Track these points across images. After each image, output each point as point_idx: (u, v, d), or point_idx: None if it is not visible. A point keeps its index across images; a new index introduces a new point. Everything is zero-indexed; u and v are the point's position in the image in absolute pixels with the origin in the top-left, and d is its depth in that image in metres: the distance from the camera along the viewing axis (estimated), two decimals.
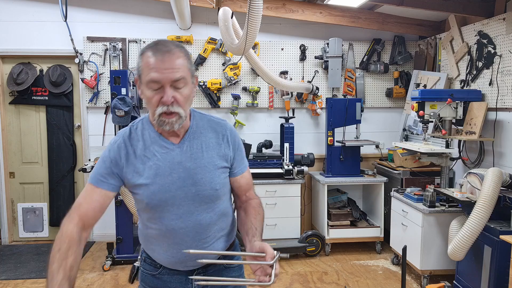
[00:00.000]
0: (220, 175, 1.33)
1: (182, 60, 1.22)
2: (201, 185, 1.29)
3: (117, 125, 3.80)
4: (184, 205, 1.29)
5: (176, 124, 1.23)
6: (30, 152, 4.51)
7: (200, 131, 1.34)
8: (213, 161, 1.32)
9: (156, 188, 1.27)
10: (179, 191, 1.28)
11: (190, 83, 1.25)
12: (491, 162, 3.45)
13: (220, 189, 1.33)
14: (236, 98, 4.43)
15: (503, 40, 3.30)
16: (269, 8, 4.12)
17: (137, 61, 1.26)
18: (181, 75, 1.20)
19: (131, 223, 3.85)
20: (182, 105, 1.22)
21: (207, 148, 1.33)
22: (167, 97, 1.19)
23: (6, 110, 4.44)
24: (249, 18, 2.72)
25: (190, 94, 1.25)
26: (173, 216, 1.29)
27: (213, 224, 1.35)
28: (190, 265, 1.36)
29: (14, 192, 4.53)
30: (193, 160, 1.30)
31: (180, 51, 1.23)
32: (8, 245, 4.44)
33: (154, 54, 1.19)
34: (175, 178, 1.28)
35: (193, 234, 1.31)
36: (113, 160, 1.29)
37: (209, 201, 1.32)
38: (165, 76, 1.18)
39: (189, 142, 1.32)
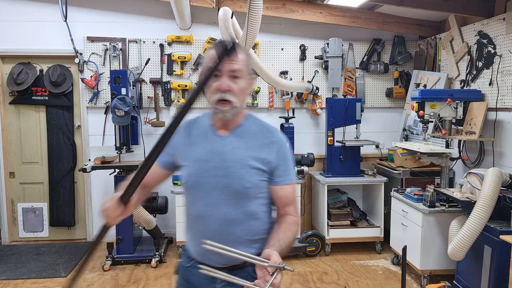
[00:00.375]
0: (254, 175, 1.37)
1: (243, 57, 1.36)
2: (232, 178, 1.36)
3: (117, 125, 3.80)
4: (213, 194, 1.37)
5: (228, 113, 1.35)
6: (30, 152, 4.51)
7: (249, 131, 1.42)
8: (250, 160, 1.37)
9: (193, 171, 1.39)
10: (212, 179, 1.37)
11: (246, 80, 1.37)
12: (491, 162, 3.45)
13: (250, 188, 1.36)
14: None
15: (503, 40, 3.30)
16: (269, 8, 4.13)
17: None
18: (239, 67, 1.33)
19: (131, 223, 3.85)
20: (236, 95, 1.33)
21: (248, 147, 1.39)
22: (223, 84, 1.32)
23: (6, 110, 4.44)
24: (249, 18, 2.72)
25: (245, 88, 1.37)
26: (202, 202, 1.38)
27: (238, 223, 1.37)
28: (215, 261, 1.38)
29: (14, 192, 4.53)
30: (232, 154, 1.37)
31: (242, 53, 1.37)
32: (8, 245, 4.45)
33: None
34: (211, 166, 1.37)
35: (216, 226, 1.37)
36: (173, 145, 1.42)
37: (237, 197, 1.36)
38: (224, 65, 1.30)
39: (235, 137, 1.40)
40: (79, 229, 4.62)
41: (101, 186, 4.52)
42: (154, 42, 4.38)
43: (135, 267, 3.83)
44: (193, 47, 4.41)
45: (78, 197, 4.59)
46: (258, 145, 1.40)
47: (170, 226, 4.53)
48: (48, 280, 3.55)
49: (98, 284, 3.49)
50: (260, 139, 1.41)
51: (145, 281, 3.55)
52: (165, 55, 4.39)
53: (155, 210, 3.98)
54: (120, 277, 3.61)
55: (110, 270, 3.75)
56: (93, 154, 4.03)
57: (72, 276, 1.35)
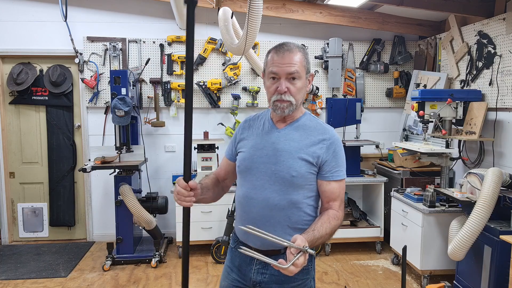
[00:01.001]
0: (301, 166, 1.46)
1: (299, 58, 1.46)
2: (280, 166, 1.47)
3: (117, 125, 3.80)
4: (261, 178, 1.49)
5: (286, 109, 1.47)
6: (30, 152, 4.51)
7: (304, 126, 1.53)
8: (299, 152, 1.47)
9: (247, 156, 1.53)
10: (262, 165, 1.49)
11: (304, 78, 1.48)
12: (491, 162, 3.45)
13: (296, 177, 1.45)
14: (236, 98, 4.43)
15: (503, 40, 3.30)
16: (269, 8, 4.12)
17: (264, 58, 1.54)
18: (295, 70, 1.44)
19: (131, 223, 3.85)
20: (294, 95, 1.46)
21: (300, 140, 1.49)
22: (282, 86, 1.44)
23: (6, 110, 4.44)
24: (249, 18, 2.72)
25: (302, 87, 1.48)
26: (250, 185, 1.51)
27: (279, 209, 1.47)
28: (254, 243, 1.50)
29: (14, 192, 4.53)
30: (284, 144, 1.49)
31: (299, 51, 1.47)
32: (8, 245, 4.45)
33: (277, 52, 1.46)
34: (264, 153, 1.50)
35: (259, 208, 1.48)
36: (235, 136, 1.65)
37: (282, 184, 1.46)
38: (282, 69, 1.44)
39: (290, 130, 1.52)
40: (79, 229, 4.62)
41: (101, 186, 4.52)
42: (154, 42, 4.38)
43: (135, 267, 3.83)
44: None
45: (78, 197, 4.59)
46: (310, 140, 1.49)
47: (170, 226, 4.53)
48: (48, 280, 3.55)
49: (98, 284, 3.49)
50: (314, 135, 1.50)
51: (145, 281, 3.54)
52: (165, 55, 4.38)
53: (155, 210, 3.98)
54: (120, 277, 3.61)
55: (110, 270, 3.75)
56: (93, 154, 4.03)
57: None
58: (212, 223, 3.99)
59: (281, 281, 1.49)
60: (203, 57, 4.38)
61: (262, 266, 1.51)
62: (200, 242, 4.02)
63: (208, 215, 3.97)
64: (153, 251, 3.90)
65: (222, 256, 3.88)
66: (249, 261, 1.54)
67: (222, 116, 4.57)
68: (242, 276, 1.57)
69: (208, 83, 4.36)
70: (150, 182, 4.25)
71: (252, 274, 1.54)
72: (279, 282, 1.49)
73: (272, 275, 1.50)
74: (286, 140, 1.50)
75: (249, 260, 1.54)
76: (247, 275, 1.55)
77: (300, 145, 1.48)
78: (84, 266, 3.86)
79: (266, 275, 1.51)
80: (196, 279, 3.58)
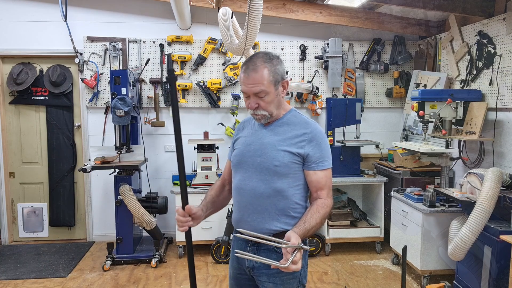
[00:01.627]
0: (284, 156, 1.58)
1: (265, 74, 1.55)
2: (264, 158, 1.61)
3: (117, 125, 3.80)
4: (249, 170, 1.64)
5: (262, 120, 1.63)
6: (30, 152, 4.51)
7: (287, 122, 1.66)
8: (281, 144, 1.60)
9: (238, 152, 1.70)
10: (250, 158, 1.64)
11: (272, 92, 1.58)
12: (491, 162, 3.44)
13: (279, 166, 1.58)
14: (236, 98, 4.43)
15: (503, 40, 3.30)
16: (269, 8, 4.12)
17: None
18: (260, 89, 1.55)
19: (131, 223, 3.85)
20: (265, 108, 1.59)
21: (283, 134, 1.63)
22: (251, 104, 1.59)
23: (6, 110, 4.44)
24: (249, 18, 2.72)
25: (272, 100, 1.59)
26: (240, 176, 1.67)
27: (265, 197, 1.60)
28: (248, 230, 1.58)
29: (14, 192, 4.53)
30: (268, 139, 1.63)
31: (265, 66, 1.56)
32: (8, 245, 4.45)
33: (244, 71, 1.58)
34: (251, 148, 1.65)
35: (248, 197, 1.63)
36: (233, 137, 1.82)
37: (267, 174, 1.59)
38: (248, 89, 1.57)
39: (274, 127, 1.66)
40: (79, 229, 4.62)
41: (101, 186, 4.52)
42: (154, 42, 4.38)
43: (135, 267, 3.83)
44: (193, 47, 4.41)
45: (78, 197, 4.59)
46: (293, 133, 1.62)
47: (170, 226, 4.53)
48: (48, 280, 3.55)
49: (98, 284, 3.48)
50: (296, 129, 1.63)
51: (145, 281, 3.54)
52: (165, 55, 4.38)
53: (155, 210, 3.98)
54: (120, 277, 3.61)
55: (110, 270, 3.75)
56: (93, 154, 4.03)
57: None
58: (212, 223, 3.99)
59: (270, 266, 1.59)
60: (203, 57, 4.38)
61: (254, 252, 1.62)
62: (200, 242, 4.02)
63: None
64: (153, 251, 3.90)
65: (222, 256, 3.88)
66: (243, 248, 1.66)
67: (222, 116, 4.57)
68: (240, 263, 1.71)
69: (208, 83, 4.35)
70: (150, 182, 4.25)
71: (246, 260, 1.66)
72: (268, 267, 1.57)
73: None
74: (270, 135, 1.64)
75: (243, 247, 1.66)
76: (243, 262, 1.68)
77: (283, 138, 1.62)
78: (84, 266, 3.86)
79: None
80: (196, 279, 3.57)
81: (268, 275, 1.61)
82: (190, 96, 4.46)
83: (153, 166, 4.51)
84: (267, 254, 1.58)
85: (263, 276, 1.63)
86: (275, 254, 1.58)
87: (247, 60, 1.60)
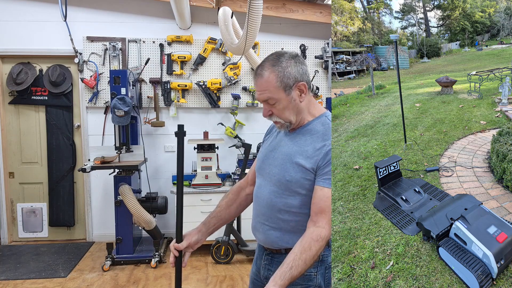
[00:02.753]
0: (297, 172, 1.43)
1: (271, 83, 1.41)
2: (279, 169, 1.48)
3: (117, 125, 3.80)
4: (266, 178, 1.54)
5: (282, 128, 1.49)
6: (30, 152, 4.51)
7: (311, 131, 1.48)
8: (298, 156, 1.45)
9: (260, 158, 1.60)
10: (268, 166, 1.53)
11: (283, 97, 1.42)
12: None
13: (290, 181, 1.44)
14: (236, 98, 4.43)
15: None
16: (269, 8, 4.12)
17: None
18: (267, 96, 1.42)
19: (131, 223, 3.84)
20: (279, 115, 1.45)
21: (302, 145, 1.47)
22: (263, 112, 1.48)
23: (5, 110, 4.44)
24: (249, 18, 2.72)
25: (285, 106, 1.43)
26: (258, 183, 1.58)
27: (277, 210, 1.49)
28: (259, 239, 1.58)
29: (14, 192, 4.53)
30: (287, 148, 1.50)
31: (272, 70, 1.41)
32: (8, 245, 4.44)
33: (254, 76, 1.47)
34: (271, 155, 1.54)
35: (262, 206, 1.53)
36: (264, 137, 1.70)
37: (279, 186, 1.48)
38: (258, 96, 1.46)
39: (297, 135, 1.50)
40: (78, 229, 4.61)
41: (100, 186, 4.51)
42: (154, 42, 4.38)
43: (135, 267, 3.82)
44: (193, 47, 4.41)
45: (78, 197, 4.59)
46: (313, 146, 1.44)
47: (170, 226, 4.52)
48: (48, 280, 3.55)
49: (98, 284, 3.48)
50: (318, 141, 1.44)
51: (144, 281, 3.54)
52: (165, 55, 4.38)
53: (154, 210, 3.98)
54: (119, 278, 3.61)
55: (109, 271, 3.74)
56: (92, 154, 4.03)
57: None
58: None
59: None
60: (203, 57, 4.38)
61: (269, 262, 1.57)
62: None
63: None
64: (153, 251, 3.89)
65: (222, 257, 3.88)
66: (260, 255, 1.61)
67: (222, 116, 4.56)
68: (258, 269, 1.64)
69: (208, 83, 4.35)
70: (149, 182, 4.25)
71: (261, 268, 1.60)
72: None
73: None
74: (290, 144, 1.49)
75: (261, 255, 1.61)
76: (259, 269, 1.63)
77: (301, 149, 1.45)
78: (84, 266, 3.85)
79: (271, 272, 1.53)
80: (196, 279, 3.57)
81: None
82: (190, 96, 4.46)
83: (153, 166, 4.50)
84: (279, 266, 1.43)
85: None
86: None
87: (261, 62, 1.48)
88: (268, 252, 1.56)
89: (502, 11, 15.04)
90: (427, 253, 2.03)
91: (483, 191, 2.62)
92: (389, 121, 4.56)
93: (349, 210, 2.56)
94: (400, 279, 1.85)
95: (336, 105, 6.16)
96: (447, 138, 3.72)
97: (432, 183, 2.79)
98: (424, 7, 15.85)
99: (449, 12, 15.53)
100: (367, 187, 2.85)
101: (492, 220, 1.90)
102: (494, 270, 1.72)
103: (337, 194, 2.79)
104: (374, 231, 2.28)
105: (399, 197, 2.56)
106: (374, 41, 13.97)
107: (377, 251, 2.09)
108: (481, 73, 6.08)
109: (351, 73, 10.66)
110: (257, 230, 1.57)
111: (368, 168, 3.16)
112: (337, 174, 3.13)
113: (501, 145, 2.71)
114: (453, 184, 2.78)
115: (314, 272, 1.48)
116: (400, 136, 3.78)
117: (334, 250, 2.16)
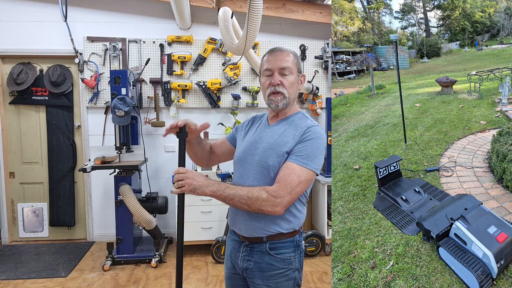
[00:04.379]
0: (279, 157, 1.53)
1: (291, 58, 1.59)
2: (261, 156, 1.56)
3: (117, 125, 3.80)
4: (247, 168, 1.60)
5: (280, 103, 1.57)
6: (30, 152, 4.51)
7: (291, 123, 1.60)
8: (279, 145, 1.55)
9: (240, 149, 1.68)
10: (249, 156, 1.61)
11: (295, 75, 1.60)
12: None
13: (272, 166, 1.53)
14: (236, 98, 4.43)
15: None
16: (269, 8, 4.12)
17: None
18: (287, 65, 1.56)
19: (131, 223, 3.84)
20: (287, 88, 1.57)
21: (283, 135, 1.57)
22: (275, 79, 1.56)
23: (6, 110, 4.44)
24: (249, 18, 2.72)
25: (294, 82, 1.59)
26: (239, 174, 1.65)
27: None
28: (240, 229, 1.61)
29: (14, 192, 4.53)
30: (268, 138, 1.59)
31: (291, 53, 1.61)
32: (8, 245, 4.44)
33: (270, 53, 1.61)
34: (252, 146, 1.62)
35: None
36: (242, 125, 1.80)
37: (262, 172, 1.55)
38: (275, 64, 1.57)
39: (277, 126, 1.62)
40: (79, 229, 4.62)
41: (101, 186, 4.52)
42: (154, 42, 4.38)
43: (135, 267, 3.83)
44: (193, 47, 4.41)
45: (78, 197, 4.59)
46: (292, 134, 1.55)
47: (170, 226, 4.53)
48: (48, 280, 3.55)
49: (98, 284, 3.48)
50: (298, 130, 1.56)
51: (145, 281, 3.54)
52: (165, 55, 4.38)
53: (155, 210, 3.98)
54: (120, 277, 3.61)
55: (110, 270, 3.75)
56: (93, 154, 4.03)
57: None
58: (212, 223, 3.99)
59: (263, 268, 1.57)
60: (203, 57, 4.38)
61: (248, 253, 1.61)
62: (200, 242, 4.02)
63: (208, 215, 3.97)
64: (153, 251, 3.89)
65: (222, 256, 3.88)
66: (237, 248, 1.65)
67: (222, 116, 4.57)
68: (233, 264, 1.68)
69: (208, 83, 4.35)
70: (150, 182, 4.25)
71: (239, 261, 1.63)
72: (262, 269, 1.57)
73: (256, 262, 1.58)
74: (272, 134, 1.60)
75: (237, 247, 1.65)
76: (236, 263, 1.65)
77: (281, 138, 1.56)
78: (84, 266, 3.86)
79: (251, 262, 1.59)
80: (196, 279, 3.57)
81: (262, 278, 1.57)
82: (190, 96, 4.46)
83: (153, 166, 4.51)
84: (260, 256, 1.57)
85: (256, 278, 1.58)
86: (268, 256, 1.56)
87: (271, 48, 1.64)
88: (247, 243, 1.60)
89: (502, 11, 15.06)
90: (427, 253, 2.03)
91: (483, 191, 2.62)
92: (389, 121, 4.56)
93: (349, 210, 2.56)
94: (400, 279, 1.85)
95: (336, 105, 6.17)
96: (447, 138, 3.73)
97: (432, 183, 2.80)
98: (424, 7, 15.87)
99: (449, 12, 15.55)
100: (367, 187, 2.85)
101: (492, 220, 1.90)
102: (494, 270, 1.72)
103: (337, 194, 2.79)
104: (374, 231, 2.29)
105: (399, 197, 2.56)
106: (374, 41, 13.98)
107: (377, 251, 2.09)
108: (481, 73, 6.09)
109: (351, 73, 10.67)
110: (238, 221, 1.62)
111: (368, 168, 3.16)
112: (337, 174, 3.14)
113: (501, 145, 2.71)
114: (453, 184, 2.78)
115: (293, 256, 1.59)
116: (400, 136, 3.79)
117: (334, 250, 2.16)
